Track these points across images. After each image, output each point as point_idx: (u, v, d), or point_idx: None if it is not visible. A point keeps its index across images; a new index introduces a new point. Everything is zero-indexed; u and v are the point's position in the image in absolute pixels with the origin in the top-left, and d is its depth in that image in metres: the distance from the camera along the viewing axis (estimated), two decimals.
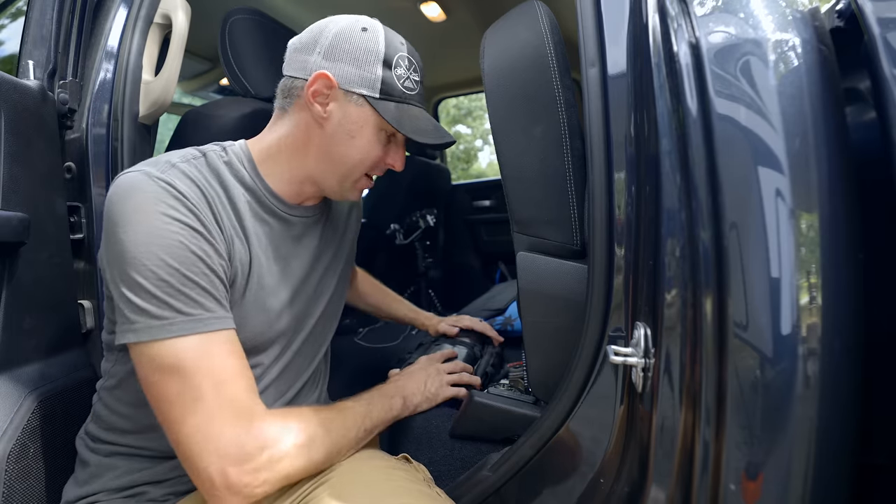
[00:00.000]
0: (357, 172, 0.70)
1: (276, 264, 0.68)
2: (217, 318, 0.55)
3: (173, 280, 0.53)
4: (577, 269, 0.72)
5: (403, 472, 0.66)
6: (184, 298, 0.53)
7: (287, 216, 0.70)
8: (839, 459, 0.46)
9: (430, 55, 2.31)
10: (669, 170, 0.53)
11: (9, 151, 0.71)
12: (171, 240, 0.54)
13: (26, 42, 0.85)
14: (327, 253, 0.79)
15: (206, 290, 0.55)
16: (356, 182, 0.71)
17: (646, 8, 0.58)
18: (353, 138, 0.67)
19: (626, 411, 0.60)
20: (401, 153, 0.73)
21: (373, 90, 0.65)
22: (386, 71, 0.65)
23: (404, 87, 0.67)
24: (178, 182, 0.57)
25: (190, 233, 0.55)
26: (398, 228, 2.24)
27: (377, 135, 0.68)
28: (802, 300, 0.45)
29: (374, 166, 0.71)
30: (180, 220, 0.55)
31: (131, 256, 0.52)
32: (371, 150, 0.68)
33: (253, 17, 1.16)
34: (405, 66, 0.67)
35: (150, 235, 0.53)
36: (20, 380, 0.71)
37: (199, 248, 0.56)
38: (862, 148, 0.50)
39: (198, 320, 0.54)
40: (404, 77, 0.67)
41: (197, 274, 0.55)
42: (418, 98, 0.70)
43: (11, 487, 0.65)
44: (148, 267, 0.52)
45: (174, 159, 0.61)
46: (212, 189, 0.61)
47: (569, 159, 0.73)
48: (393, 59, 0.66)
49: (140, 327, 0.52)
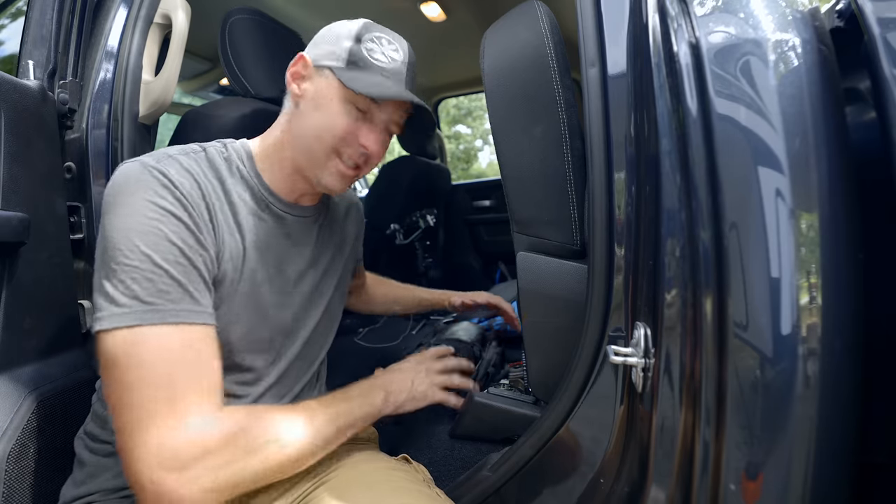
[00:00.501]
0: (324, 149, 0.65)
1: (271, 262, 0.68)
2: (182, 311, 0.53)
3: (143, 266, 0.51)
4: (577, 269, 0.72)
5: (403, 473, 0.66)
6: (149, 287, 0.51)
7: (283, 214, 0.70)
8: (839, 459, 0.46)
9: (430, 55, 2.31)
10: (669, 170, 0.53)
11: (9, 151, 0.71)
12: (149, 226, 0.53)
13: (26, 42, 0.85)
14: (325, 255, 0.79)
15: (175, 281, 0.53)
16: (328, 162, 0.66)
17: (646, 8, 0.58)
18: (318, 109, 0.65)
19: (626, 411, 0.60)
20: (375, 134, 0.66)
21: (339, 61, 0.65)
22: (355, 44, 0.65)
23: (373, 59, 0.65)
24: (172, 171, 0.57)
25: (172, 221, 0.54)
26: (398, 228, 2.24)
27: (343, 106, 0.64)
28: (802, 300, 0.45)
29: (343, 142, 0.65)
30: (164, 208, 0.54)
31: (109, 242, 0.52)
32: (335, 122, 0.64)
33: (253, 17, 1.16)
34: (378, 42, 0.66)
35: (129, 221, 0.53)
36: (20, 380, 0.71)
37: (179, 237, 0.54)
38: (862, 148, 0.50)
39: (157, 310, 0.51)
40: (376, 50, 0.65)
41: (170, 262, 0.53)
42: (393, 74, 0.66)
43: (11, 487, 0.65)
44: (122, 252, 0.51)
45: (173, 151, 0.61)
46: (208, 182, 0.62)
47: (569, 159, 0.73)
48: (364, 35, 0.66)
49: (104, 315, 0.51)
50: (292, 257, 0.72)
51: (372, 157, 0.69)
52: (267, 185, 0.68)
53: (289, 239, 0.71)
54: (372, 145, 0.66)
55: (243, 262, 0.64)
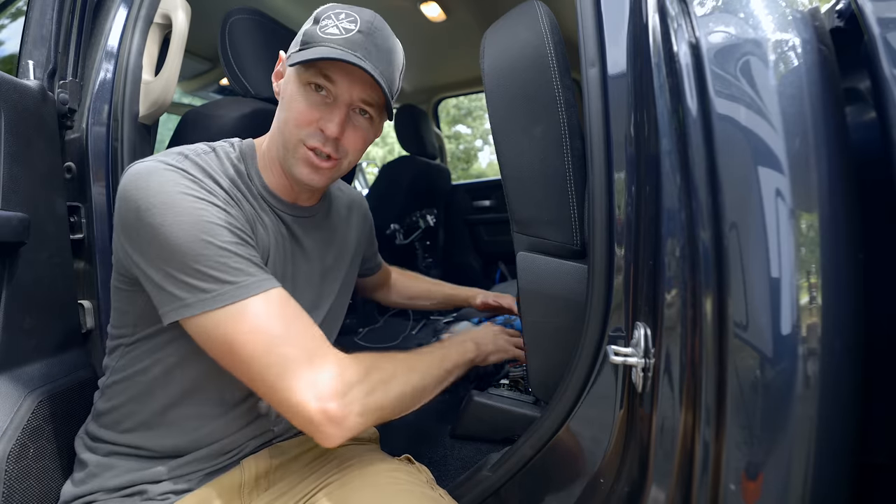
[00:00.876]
0: (290, 138, 0.64)
1: (274, 261, 0.68)
2: (261, 281, 0.57)
3: (210, 252, 0.54)
4: (577, 269, 0.72)
5: (406, 475, 0.66)
6: (225, 268, 0.55)
7: (283, 214, 0.70)
8: (839, 459, 0.46)
9: (430, 55, 2.31)
10: (669, 170, 0.53)
11: (9, 151, 0.71)
12: (198, 216, 0.55)
13: (26, 42, 0.85)
14: (327, 255, 0.79)
15: (242, 258, 0.56)
16: (296, 152, 0.64)
17: (646, 8, 0.58)
18: (283, 101, 0.66)
19: (626, 411, 0.60)
20: (334, 116, 0.63)
21: (295, 46, 0.65)
22: (312, 26, 0.64)
23: (324, 34, 0.61)
24: (192, 170, 0.59)
25: (214, 208, 0.57)
26: (398, 228, 2.24)
27: (299, 90, 0.63)
28: (802, 300, 0.45)
29: (303, 129, 0.63)
30: (202, 198, 0.57)
31: (165, 238, 0.54)
32: (293, 108, 0.63)
33: (253, 17, 1.16)
34: (333, 18, 0.62)
35: (179, 215, 0.54)
36: (20, 380, 0.71)
37: (225, 220, 0.57)
38: (862, 148, 0.50)
39: (243, 286, 0.55)
40: (329, 25, 0.62)
41: (231, 244, 0.56)
42: (344, 42, 0.61)
43: (11, 487, 0.65)
44: (183, 246, 0.54)
45: (186, 151, 0.63)
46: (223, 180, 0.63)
47: (569, 159, 0.73)
48: (322, 14, 0.63)
49: (191, 301, 0.54)
50: (294, 257, 0.72)
51: (342, 144, 0.65)
52: (267, 186, 0.69)
53: (290, 239, 0.72)
54: (330, 127, 0.62)
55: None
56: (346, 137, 0.65)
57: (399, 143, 2.35)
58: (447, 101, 3.05)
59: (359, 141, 0.67)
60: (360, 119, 0.67)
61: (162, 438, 0.64)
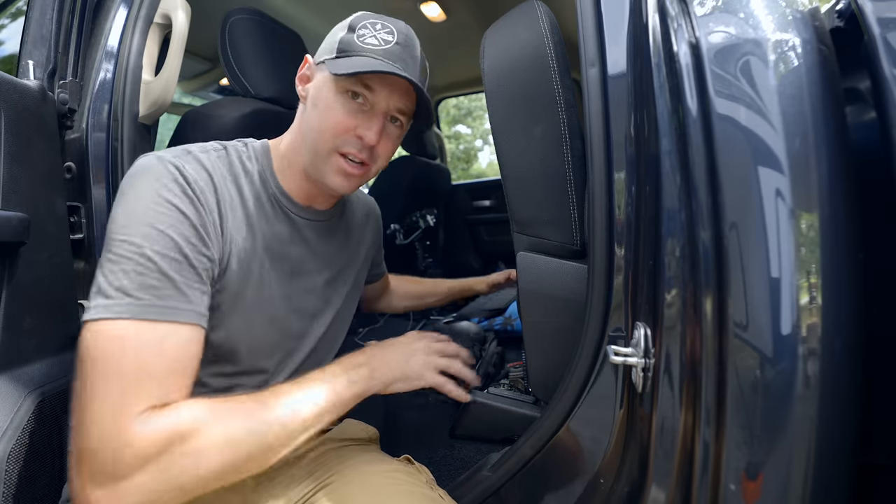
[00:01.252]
0: (325, 146, 0.63)
1: (283, 265, 0.67)
2: (166, 308, 0.50)
3: (135, 258, 0.50)
4: (577, 269, 0.72)
5: (405, 475, 0.66)
6: (138, 280, 0.50)
7: (297, 217, 0.69)
8: (839, 459, 0.46)
9: (430, 55, 2.31)
10: (669, 170, 0.53)
11: (9, 151, 0.71)
12: (150, 218, 0.52)
13: (26, 42, 0.85)
14: (339, 260, 0.78)
15: (165, 276, 0.51)
16: (329, 159, 0.64)
17: (646, 8, 0.58)
18: (317, 106, 0.64)
19: (626, 411, 0.60)
20: (373, 125, 0.63)
21: (332, 52, 0.64)
22: (348, 34, 0.63)
23: (363, 43, 0.62)
24: (188, 167, 0.57)
25: (175, 215, 0.53)
26: (398, 228, 2.24)
27: (337, 98, 0.62)
28: (802, 300, 0.45)
29: (340, 136, 0.63)
30: (170, 202, 0.54)
31: (110, 231, 0.52)
32: (330, 115, 0.62)
33: (253, 17, 1.16)
34: (371, 28, 0.63)
35: (132, 211, 0.52)
36: (20, 380, 0.71)
37: (179, 232, 0.53)
38: (862, 148, 0.50)
39: (143, 306, 0.49)
40: (366, 35, 0.63)
41: (162, 256, 0.51)
42: (384, 54, 0.62)
43: (11, 487, 0.65)
44: (119, 242, 0.51)
45: (192, 148, 0.62)
46: (224, 182, 0.61)
47: (569, 159, 0.73)
48: (358, 23, 0.64)
49: (93, 304, 0.49)
50: (305, 261, 0.71)
51: (376, 150, 0.65)
52: (282, 188, 0.68)
53: (302, 242, 0.71)
54: (369, 136, 0.62)
55: (253, 263, 0.63)
56: (381, 145, 0.66)
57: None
58: (447, 101, 3.05)
59: (391, 149, 0.68)
60: (392, 127, 0.67)
61: None
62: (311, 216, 0.71)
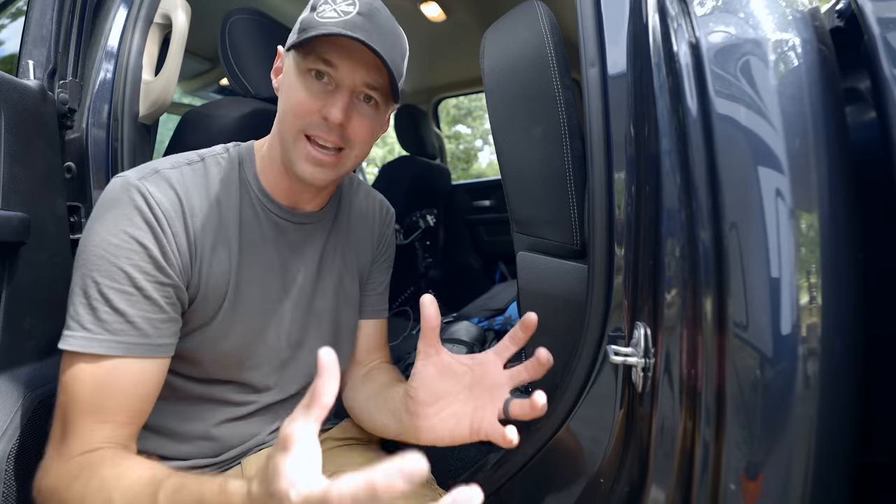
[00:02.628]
0: (293, 131, 0.59)
1: (268, 274, 0.65)
2: (116, 343, 0.53)
3: (91, 292, 0.53)
4: (577, 269, 0.72)
5: None
6: (91, 314, 0.53)
7: (282, 221, 0.67)
8: (839, 459, 0.46)
9: (430, 55, 2.31)
10: (669, 170, 0.53)
11: (9, 151, 0.71)
12: (105, 251, 0.54)
13: (26, 42, 0.85)
14: (332, 263, 0.74)
15: (115, 311, 0.53)
16: (296, 145, 0.60)
17: (646, 8, 0.58)
18: (282, 93, 0.62)
19: (626, 411, 0.60)
20: (337, 101, 0.58)
21: (294, 35, 0.60)
22: (309, 14, 0.59)
23: (322, 17, 0.57)
24: (153, 189, 0.56)
25: (132, 246, 0.54)
26: (398, 228, 2.24)
27: (299, 79, 0.59)
28: (802, 300, 0.45)
29: (305, 118, 0.59)
30: (129, 234, 0.54)
31: (77, 261, 0.55)
32: (293, 96, 0.59)
33: (253, 17, 1.16)
34: (332, 3, 0.58)
35: (92, 246, 0.54)
36: (20, 380, 0.71)
37: (133, 264, 0.54)
38: (862, 148, 0.50)
39: (93, 339, 0.53)
40: (327, 10, 0.57)
41: (115, 291, 0.53)
42: (343, 24, 0.56)
43: (11, 487, 0.65)
44: (79, 275, 0.54)
45: (162, 166, 0.60)
46: (197, 198, 0.60)
47: (569, 159, 0.73)
48: (319, 1, 0.59)
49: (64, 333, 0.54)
50: (293, 268, 0.69)
51: (347, 132, 0.60)
52: (265, 190, 0.66)
53: (289, 248, 0.68)
54: (334, 112, 0.58)
55: (234, 277, 0.62)
56: (352, 126, 0.60)
57: (399, 143, 2.35)
58: (447, 101, 3.05)
59: (365, 130, 0.62)
60: (364, 107, 0.61)
61: (160, 441, 0.64)
62: (298, 219, 0.68)
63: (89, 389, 0.53)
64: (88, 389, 0.53)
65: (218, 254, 0.61)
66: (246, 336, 0.64)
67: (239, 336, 0.63)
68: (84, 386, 0.53)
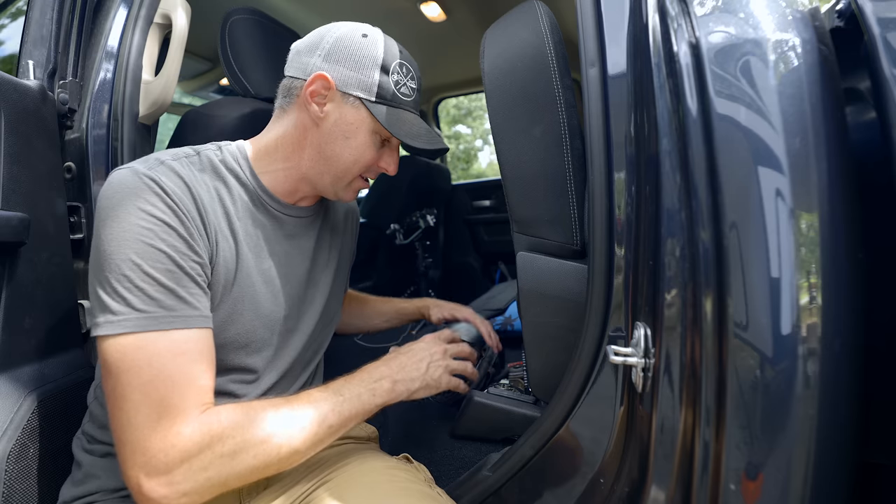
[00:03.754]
0: (351, 174, 0.70)
1: (267, 262, 0.68)
2: (174, 317, 0.54)
3: (133, 276, 0.53)
4: (577, 269, 0.72)
5: (404, 473, 0.66)
6: (141, 295, 0.53)
7: (280, 214, 0.70)
8: (839, 459, 0.46)
9: (430, 55, 2.31)
10: (669, 170, 0.53)
11: (9, 151, 0.71)
12: (139, 235, 0.54)
13: (26, 42, 0.85)
14: (323, 255, 0.79)
15: (166, 288, 0.54)
16: (350, 183, 0.71)
17: (646, 8, 0.58)
18: (348, 139, 0.68)
19: (626, 411, 0.60)
20: (394, 157, 0.73)
21: (369, 93, 0.66)
22: (383, 76, 0.66)
23: (400, 93, 0.68)
24: (163, 178, 0.58)
25: (162, 229, 0.55)
26: (398, 228, 2.24)
27: (371, 137, 0.69)
28: (802, 300, 0.45)
29: (368, 168, 0.71)
30: (155, 216, 0.55)
31: (103, 251, 0.54)
32: (365, 152, 0.69)
33: (253, 17, 1.16)
34: (402, 73, 0.68)
35: (121, 231, 0.54)
36: (20, 380, 0.71)
37: (169, 244, 0.55)
38: (862, 148, 0.50)
39: (150, 317, 0.53)
40: (401, 83, 0.68)
41: (160, 270, 0.54)
42: (413, 105, 0.71)
43: (11, 487, 0.65)
44: (114, 261, 0.53)
45: (164, 157, 0.61)
46: (201, 187, 0.61)
47: (569, 159, 0.73)
48: (391, 65, 0.67)
49: (100, 322, 0.52)
50: (291, 258, 0.72)
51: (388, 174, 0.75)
52: (264, 187, 0.68)
53: (288, 240, 0.71)
54: (391, 167, 0.73)
55: (238, 264, 0.64)
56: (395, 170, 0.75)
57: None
58: (447, 101, 3.05)
59: None
60: None
61: None
62: (296, 213, 0.73)
63: (170, 362, 0.53)
64: (169, 362, 0.53)
65: (223, 243, 0.62)
66: (251, 320, 0.66)
67: (245, 321, 0.65)
68: (163, 359, 0.52)
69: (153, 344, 0.53)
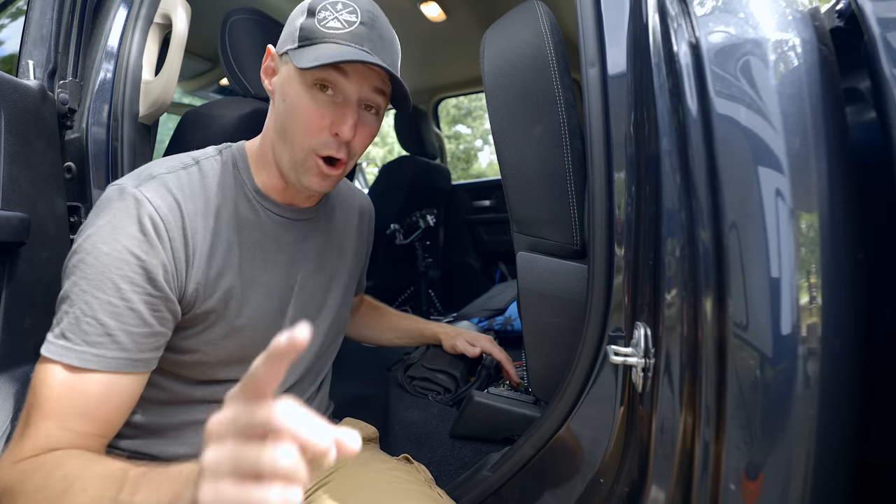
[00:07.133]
0: (303, 149, 0.60)
1: (265, 271, 0.65)
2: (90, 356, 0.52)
3: (76, 300, 0.52)
4: (577, 269, 0.72)
5: (404, 474, 0.66)
6: (73, 323, 0.52)
7: (278, 218, 0.67)
8: (839, 459, 0.46)
9: (430, 55, 2.31)
10: (669, 170, 0.53)
11: (9, 151, 0.71)
12: (100, 262, 0.53)
13: (26, 42, 0.85)
14: (330, 260, 0.75)
15: (100, 323, 0.52)
16: (306, 161, 0.60)
17: (646, 8, 0.58)
18: (285, 102, 0.59)
19: (626, 411, 0.60)
20: (348, 118, 0.59)
21: (293, 41, 0.59)
22: (308, 19, 0.58)
23: (326, 27, 0.57)
24: (152, 196, 0.56)
25: (126, 259, 0.53)
26: (398, 228, 2.24)
27: (305, 92, 0.58)
28: (802, 300, 0.45)
29: (316, 136, 0.59)
30: (123, 245, 0.53)
31: (67, 265, 0.54)
32: (301, 112, 0.58)
33: (253, 17, 1.16)
34: (332, 10, 0.58)
35: (83, 252, 0.53)
36: (20, 380, 0.71)
37: (125, 277, 0.53)
38: (862, 148, 0.50)
39: (67, 348, 0.52)
40: (328, 18, 0.58)
41: (102, 303, 0.52)
42: (349, 37, 0.57)
43: None
44: (69, 280, 0.54)
45: (158, 170, 0.59)
46: (193, 201, 0.59)
47: (569, 159, 0.73)
48: (318, 5, 0.59)
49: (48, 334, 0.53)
50: (293, 265, 0.69)
51: (352, 144, 0.61)
52: (260, 189, 0.65)
53: (290, 245, 0.69)
54: (345, 131, 0.58)
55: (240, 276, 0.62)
56: (357, 137, 0.61)
57: (399, 143, 2.35)
58: (447, 101, 3.05)
59: (367, 139, 0.63)
60: (367, 116, 0.62)
61: (158, 444, 0.64)
62: (295, 216, 0.68)
63: (56, 395, 0.51)
64: (55, 395, 0.51)
65: (220, 256, 0.60)
66: (253, 334, 0.64)
67: (246, 335, 0.63)
68: (52, 391, 0.51)
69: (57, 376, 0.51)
